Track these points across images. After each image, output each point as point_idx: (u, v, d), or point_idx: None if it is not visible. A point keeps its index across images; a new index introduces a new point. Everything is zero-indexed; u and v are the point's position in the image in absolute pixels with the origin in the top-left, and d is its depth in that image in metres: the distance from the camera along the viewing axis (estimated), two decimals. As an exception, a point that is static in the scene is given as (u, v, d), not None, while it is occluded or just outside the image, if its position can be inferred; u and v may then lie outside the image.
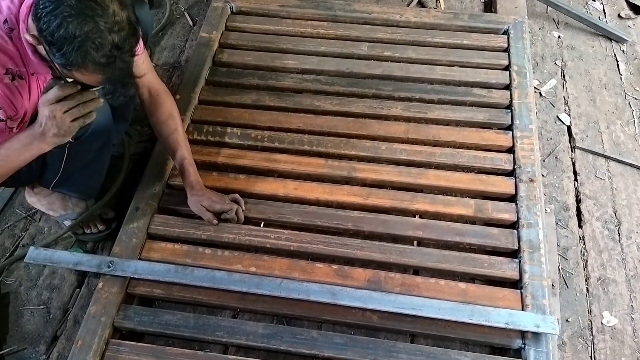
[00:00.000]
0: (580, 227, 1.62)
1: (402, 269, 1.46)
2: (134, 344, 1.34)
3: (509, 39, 1.88)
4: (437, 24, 1.94)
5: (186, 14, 2.21)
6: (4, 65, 1.09)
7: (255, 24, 1.97)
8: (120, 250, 1.44)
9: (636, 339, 1.42)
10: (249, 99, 1.77)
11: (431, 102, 1.76)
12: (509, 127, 1.68)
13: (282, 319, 1.41)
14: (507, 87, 1.77)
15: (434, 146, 1.65)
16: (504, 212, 1.51)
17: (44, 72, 1.15)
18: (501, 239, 1.46)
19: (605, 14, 2.19)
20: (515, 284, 1.41)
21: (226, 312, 1.43)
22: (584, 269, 1.54)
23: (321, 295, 1.33)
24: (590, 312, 1.46)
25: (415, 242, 1.50)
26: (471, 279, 1.45)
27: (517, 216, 1.49)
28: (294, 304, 1.36)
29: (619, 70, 2.00)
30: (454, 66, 1.84)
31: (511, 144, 1.63)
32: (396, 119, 1.72)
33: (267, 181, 1.58)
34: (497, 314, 1.29)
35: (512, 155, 1.61)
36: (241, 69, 1.86)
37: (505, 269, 1.41)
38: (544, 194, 1.63)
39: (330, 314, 1.36)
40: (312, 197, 1.55)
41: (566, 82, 1.96)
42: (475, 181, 1.57)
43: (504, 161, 1.60)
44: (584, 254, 1.57)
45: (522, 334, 1.31)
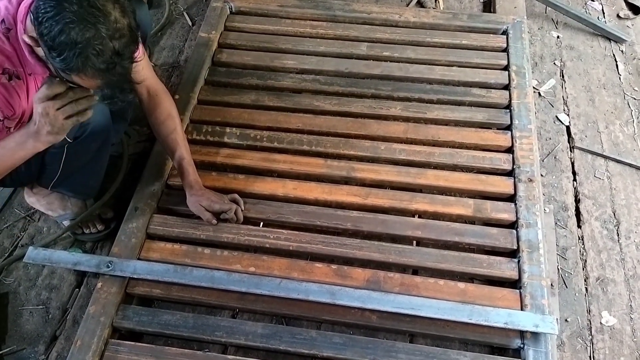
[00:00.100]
0: (579, 227, 1.62)
1: (401, 268, 1.46)
2: (133, 344, 1.34)
3: (508, 39, 1.89)
4: (436, 24, 1.94)
5: (185, 14, 2.21)
6: (1, 65, 1.09)
7: (254, 24, 1.97)
8: (119, 250, 1.44)
9: (635, 339, 1.42)
10: (248, 99, 1.77)
11: (430, 102, 1.76)
12: (508, 127, 1.68)
13: (281, 319, 1.41)
14: (506, 87, 1.77)
15: (433, 146, 1.65)
16: (503, 212, 1.51)
17: (41, 72, 1.15)
18: (500, 238, 1.46)
19: (604, 14, 2.19)
20: (514, 284, 1.41)
21: (225, 312, 1.43)
22: (583, 269, 1.54)
23: (320, 295, 1.34)
24: (589, 312, 1.46)
25: (414, 242, 1.50)
26: (470, 278, 1.45)
27: (516, 216, 1.49)
28: (293, 303, 1.36)
29: (617, 70, 2.00)
30: (453, 66, 1.84)
31: (510, 144, 1.63)
32: (395, 119, 1.73)
33: (266, 181, 1.58)
34: (496, 313, 1.30)
35: (511, 155, 1.61)
36: (240, 69, 1.86)
37: (504, 268, 1.41)
38: (543, 194, 1.63)
39: (329, 313, 1.36)
40: (311, 197, 1.55)
41: (565, 82, 1.97)
42: (474, 181, 1.57)
43: (503, 161, 1.60)
44: (583, 254, 1.57)
45: (521, 334, 1.31)
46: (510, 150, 1.63)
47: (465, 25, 1.93)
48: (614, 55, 2.05)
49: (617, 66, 2.01)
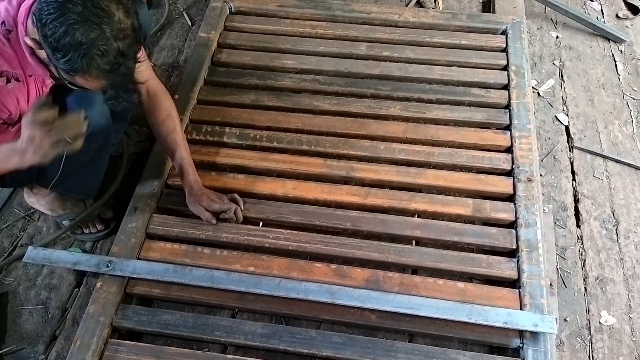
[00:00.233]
0: (578, 226, 1.63)
1: (401, 268, 1.46)
2: (133, 343, 1.34)
3: (507, 39, 1.89)
4: (436, 24, 1.95)
5: (185, 13, 2.21)
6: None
7: (253, 24, 1.97)
8: (118, 250, 1.44)
9: (634, 338, 1.42)
10: (247, 98, 1.77)
11: (430, 102, 1.76)
12: (507, 127, 1.68)
13: (280, 319, 1.41)
14: (506, 87, 1.77)
15: (433, 146, 1.65)
16: (502, 211, 1.51)
17: (42, 74, 1.15)
18: (499, 238, 1.46)
19: (603, 14, 2.19)
20: (513, 284, 1.41)
21: (225, 312, 1.43)
22: (582, 269, 1.54)
23: (320, 294, 1.34)
24: (588, 311, 1.47)
25: (413, 241, 1.50)
26: (469, 278, 1.45)
27: (516, 216, 1.49)
28: (293, 303, 1.36)
29: (617, 70, 2.01)
30: (452, 66, 1.84)
31: (509, 144, 1.63)
32: (395, 118, 1.73)
33: (265, 181, 1.58)
34: (496, 313, 1.30)
35: (510, 155, 1.61)
36: (240, 68, 1.86)
37: (503, 268, 1.42)
38: (542, 194, 1.64)
39: (328, 313, 1.36)
40: (311, 196, 1.55)
41: (564, 82, 1.97)
42: (473, 181, 1.57)
43: (502, 161, 1.61)
44: (582, 254, 1.57)
45: (521, 334, 1.31)
46: (509, 150, 1.63)
47: (464, 25, 1.93)
48: (613, 55, 2.05)
49: (616, 66, 2.02)
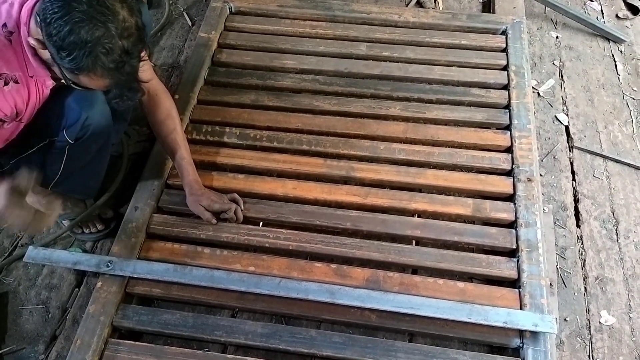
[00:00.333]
0: (578, 226, 1.63)
1: (401, 268, 1.46)
2: (133, 343, 1.34)
3: (507, 39, 1.89)
4: (436, 24, 1.95)
5: (185, 14, 2.22)
6: None
7: (254, 24, 1.98)
8: (119, 249, 1.44)
9: (634, 338, 1.42)
10: (247, 98, 1.77)
11: (430, 102, 1.76)
12: (507, 127, 1.68)
13: (280, 318, 1.41)
14: (506, 87, 1.77)
15: (433, 146, 1.65)
16: (502, 211, 1.51)
17: (43, 75, 1.15)
18: (499, 238, 1.46)
19: (603, 14, 2.19)
20: (513, 283, 1.41)
21: (225, 312, 1.43)
22: (582, 269, 1.54)
23: (320, 294, 1.34)
24: (588, 311, 1.47)
25: (413, 241, 1.50)
26: (469, 278, 1.45)
27: (516, 216, 1.49)
28: (293, 303, 1.36)
29: (616, 70, 2.01)
30: (452, 66, 1.84)
31: (509, 144, 1.63)
32: (395, 118, 1.73)
33: (265, 181, 1.58)
34: (496, 313, 1.30)
35: (510, 155, 1.61)
36: (240, 69, 1.86)
37: (503, 268, 1.42)
38: (542, 194, 1.64)
39: (329, 313, 1.36)
40: (311, 196, 1.55)
41: (564, 82, 1.97)
42: (473, 181, 1.57)
43: (502, 161, 1.61)
44: (582, 254, 1.57)
45: (521, 333, 1.32)
46: (509, 150, 1.63)
47: (464, 25, 1.94)
48: (612, 55, 2.05)
49: (616, 66, 2.02)
